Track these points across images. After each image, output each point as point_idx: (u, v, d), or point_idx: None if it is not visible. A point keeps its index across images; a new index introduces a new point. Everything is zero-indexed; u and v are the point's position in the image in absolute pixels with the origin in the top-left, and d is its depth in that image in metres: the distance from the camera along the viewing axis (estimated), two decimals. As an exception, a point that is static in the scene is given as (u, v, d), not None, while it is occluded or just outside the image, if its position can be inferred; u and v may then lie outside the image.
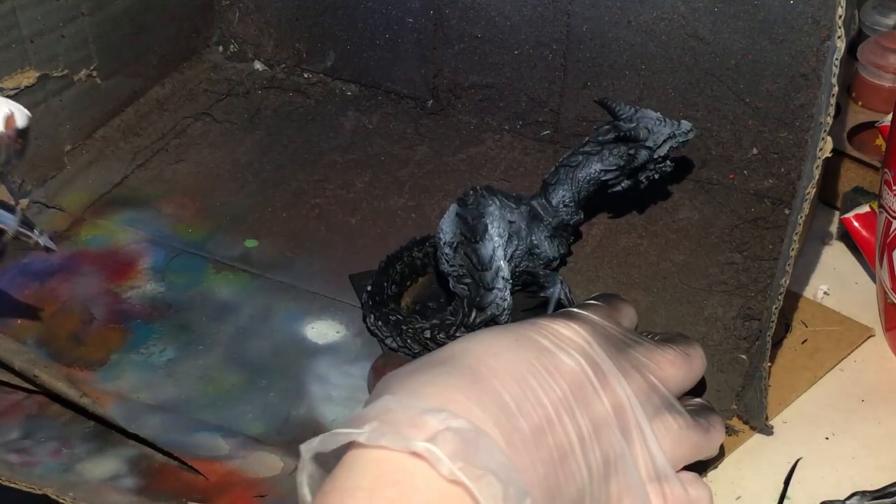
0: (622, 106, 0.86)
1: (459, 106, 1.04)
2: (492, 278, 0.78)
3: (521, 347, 0.61)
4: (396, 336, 0.78)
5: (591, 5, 0.93)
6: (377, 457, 0.53)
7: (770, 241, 0.88)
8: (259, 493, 0.69)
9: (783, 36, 0.87)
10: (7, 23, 0.87)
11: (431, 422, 0.53)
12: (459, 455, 0.52)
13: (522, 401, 0.57)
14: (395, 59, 1.05)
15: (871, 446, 0.74)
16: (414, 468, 0.52)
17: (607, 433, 0.60)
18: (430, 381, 0.57)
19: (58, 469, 0.71)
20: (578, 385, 0.60)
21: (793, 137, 0.90)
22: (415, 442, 0.52)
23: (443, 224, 0.81)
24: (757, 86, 0.90)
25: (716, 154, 0.93)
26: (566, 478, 0.57)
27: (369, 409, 0.55)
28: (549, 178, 0.85)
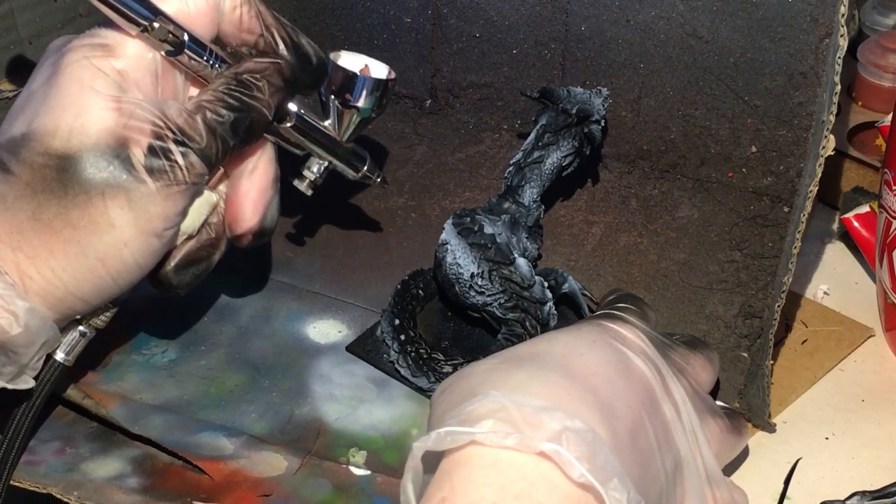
0: (556, 90, 0.87)
1: (458, 105, 1.04)
2: (540, 291, 0.78)
3: (600, 349, 0.60)
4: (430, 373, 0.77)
5: (590, 4, 0.93)
6: (496, 458, 0.51)
7: (770, 239, 0.88)
8: (264, 493, 0.69)
9: (782, 34, 0.87)
10: (6, 24, 0.87)
11: (548, 421, 0.51)
12: (584, 457, 0.50)
13: (615, 402, 0.57)
14: (393, 58, 1.05)
15: (871, 446, 0.75)
16: (536, 474, 0.51)
17: (674, 436, 0.60)
18: (533, 378, 0.56)
19: (62, 468, 0.71)
20: (650, 388, 0.60)
21: (792, 135, 0.90)
22: (542, 443, 0.51)
23: (457, 261, 0.78)
24: (756, 84, 0.90)
25: (715, 152, 0.93)
26: (652, 480, 0.57)
27: (477, 406, 0.53)
28: (511, 180, 0.84)
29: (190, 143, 0.65)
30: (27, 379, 0.65)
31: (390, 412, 0.76)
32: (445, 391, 0.58)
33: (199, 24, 0.67)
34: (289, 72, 0.70)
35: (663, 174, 0.96)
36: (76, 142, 0.62)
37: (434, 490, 0.52)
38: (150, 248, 0.65)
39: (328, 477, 0.71)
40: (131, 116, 0.63)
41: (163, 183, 0.64)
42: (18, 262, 0.62)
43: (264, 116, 0.69)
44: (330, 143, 0.77)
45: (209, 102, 0.66)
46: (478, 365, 0.59)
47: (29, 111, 0.64)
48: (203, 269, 0.73)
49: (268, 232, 0.74)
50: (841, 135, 0.95)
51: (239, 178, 0.72)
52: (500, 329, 0.78)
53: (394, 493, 0.69)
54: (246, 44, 0.70)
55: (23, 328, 0.62)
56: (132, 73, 0.65)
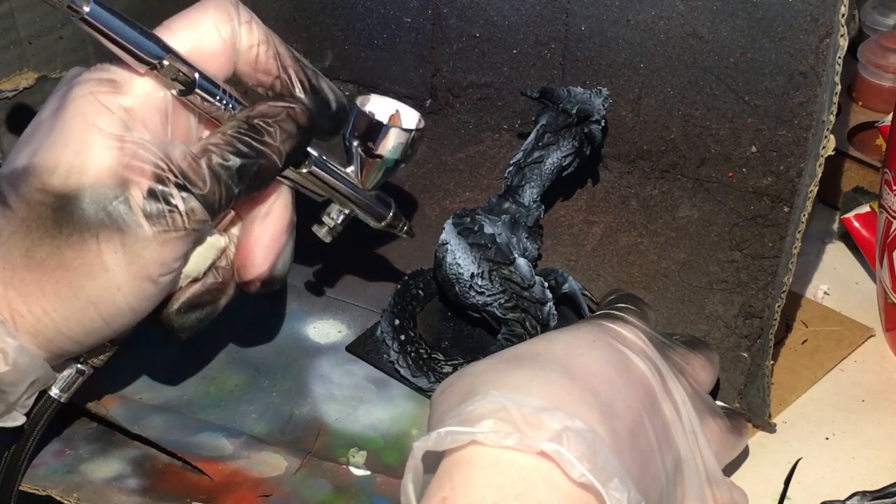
0: (556, 90, 0.87)
1: (458, 105, 1.04)
2: (540, 291, 0.78)
3: (600, 349, 0.60)
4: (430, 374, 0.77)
5: (590, 4, 0.93)
6: (497, 458, 0.51)
7: (770, 239, 0.88)
8: (264, 493, 0.69)
9: (782, 34, 0.87)
10: (5, 24, 0.86)
11: (548, 421, 0.51)
12: (585, 457, 0.50)
13: (615, 402, 0.56)
14: (393, 58, 1.05)
15: (871, 446, 0.75)
16: (536, 473, 0.51)
17: (674, 437, 0.60)
18: (533, 378, 0.56)
19: (62, 470, 0.71)
20: (650, 388, 0.60)
21: (792, 135, 0.90)
22: (542, 443, 0.50)
23: (457, 261, 0.78)
24: (756, 84, 0.90)
25: (715, 152, 0.93)
26: (652, 481, 0.57)
27: (477, 406, 0.53)
28: (511, 180, 0.84)
29: (192, 187, 0.62)
30: (16, 416, 0.64)
31: (390, 412, 0.76)
32: (445, 391, 0.58)
33: (214, 63, 0.65)
34: (305, 117, 0.68)
35: (663, 174, 0.96)
36: (74, 180, 0.60)
37: (434, 490, 0.52)
38: (145, 293, 0.63)
39: (328, 477, 0.71)
40: (133, 157, 0.61)
41: (160, 228, 0.61)
42: (10, 300, 0.61)
43: (274, 164, 0.66)
44: (352, 189, 0.74)
45: (216, 146, 0.64)
46: (478, 365, 0.59)
47: (34, 143, 0.62)
48: (207, 313, 0.70)
49: (278, 280, 0.72)
50: (841, 135, 0.95)
51: (252, 222, 0.70)
52: (500, 329, 0.78)
53: (394, 493, 0.69)
54: (262, 84, 0.68)
55: (11, 366, 0.61)
56: (139, 112, 0.63)
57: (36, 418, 0.66)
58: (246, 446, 0.73)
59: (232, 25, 0.66)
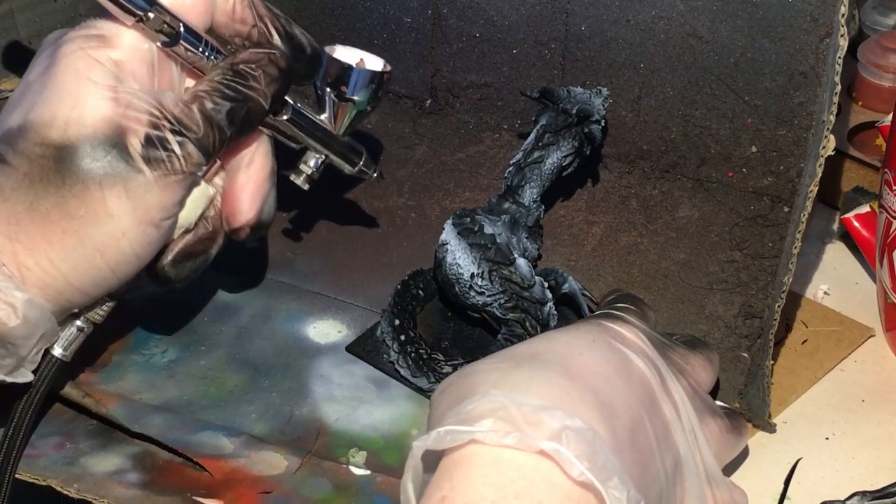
0: (556, 90, 0.88)
1: (458, 105, 1.04)
2: (540, 292, 0.78)
3: (600, 348, 0.60)
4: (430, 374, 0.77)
5: (590, 4, 0.93)
6: (496, 457, 0.51)
7: (770, 239, 0.88)
8: (264, 490, 0.70)
9: (782, 34, 0.87)
10: (6, 24, 0.87)
11: (548, 420, 0.51)
12: (584, 456, 0.50)
13: (614, 401, 0.56)
14: (393, 58, 1.04)
15: (871, 446, 0.75)
16: (536, 472, 0.51)
17: (674, 436, 0.60)
18: (533, 377, 0.56)
19: (62, 462, 0.71)
20: (649, 388, 0.60)
21: (792, 135, 0.90)
22: (542, 442, 0.50)
23: (457, 261, 0.78)
24: (756, 84, 0.90)
25: (715, 152, 0.93)
26: (652, 480, 0.57)
27: (477, 405, 0.53)
28: (511, 180, 0.84)
29: (187, 132, 0.65)
30: (25, 372, 0.65)
31: (390, 412, 0.76)
32: (445, 391, 0.58)
33: (194, 14, 0.68)
34: (284, 62, 0.70)
35: (663, 174, 0.96)
36: (73, 132, 0.62)
37: (434, 489, 0.52)
38: (148, 238, 0.65)
39: (328, 476, 0.71)
40: (128, 106, 0.63)
41: (160, 172, 0.64)
42: (16, 254, 0.62)
43: (261, 106, 0.69)
44: (326, 136, 0.77)
45: (206, 92, 0.67)
46: (477, 365, 0.59)
47: (26, 102, 0.64)
48: (200, 262, 0.73)
49: (265, 225, 0.74)
50: (841, 135, 0.95)
51: (236, 171, 0.72)
52: (500, 329, 0.78)
53: (394, 492, 0.69)
54: (239, 34, 0.70)
55: (21, 320, 0.62)
56: (128, 64, 0.65)
57: (41, 376, 0.67)
58: (246, 446, 0.73)
59: None
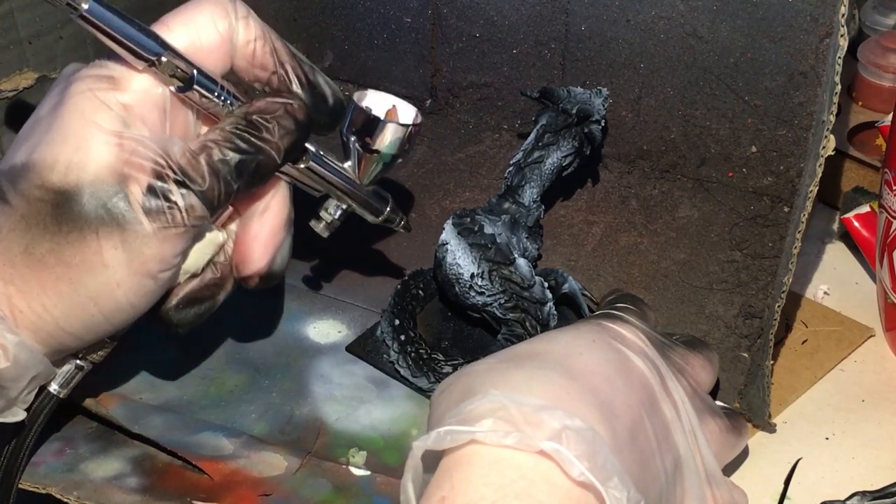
0: (556, 90, 0.87)
1: (458, 105, 1.04)
2: (540, 292, 0.78)
3: (600, 348, 0.60)
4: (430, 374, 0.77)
5: (590, 4, 0.93)
6: (497, 457, 0.51)
7: (770, 239, 0.88)
8: (264, 492, 0.69)
9: (782, 34, 0.87)
10: (5, 24, 0.86)
11: (548, 420, 0.51)
12: (584, 456, 0.50)
13: (615, 401, 0.56)
14: (393, 58, 1.05)
15: (871, 446, 0.75)
16: (536, 472, 0.51)
17: (674, 436, 0.60)
18: (533, 377, 0.55)
19: (61, 468, 0.71)
20: (649, 388, 0.60)
21: (792, 135, 0.90)
22: (542, 442, 0.50)
23: (457, 261, 0.78)
24: (756, 84, 0.90)
25: (715, 152, 0.93)
26: (652, 480, 0.57)
27: (477, 405, 0.53)
28: (511, 180, 0.84)
29: (191, 184, 0.62)
30: (17, 411, 0.64)
31: (390, 412, 0.76)
32: (445, 391, 0.58)
33: (211, 58, 0.65)
34: (302, 113, 0.68)
35: (663, 174, 0.96)
36: (73, 177, 0.60)
37: (434, 489, 0.51)
38: (145, 289, 0.63)
39: (328, 477, 0.71)
40: (132, 153, 0.61)
41: (160, 224, 0.61)
42: (10, 296, 0.61)
43: (272, 159, 0.66)
44: (349, 185, 0.74)
45: (215, 142, 0.64)
46: (477, 364, 0.59)
47: (32, 140, 0.62)
48: (206, 308, 0.70)
49: (276, 276, 0.72)
50: (841, 135, 0.95)
51: (250, 217, 0.70)
52: (500, 329, 0.78)
53: (394, 492, 0.69)
54: (259, 80, 0.68)
55: (11, 362, 0.61)
56: (138, 108, 0.63)
57: (35, 414, 0.66)
58: (246, 446, 0.73)
59: (229, 21, 0.66)
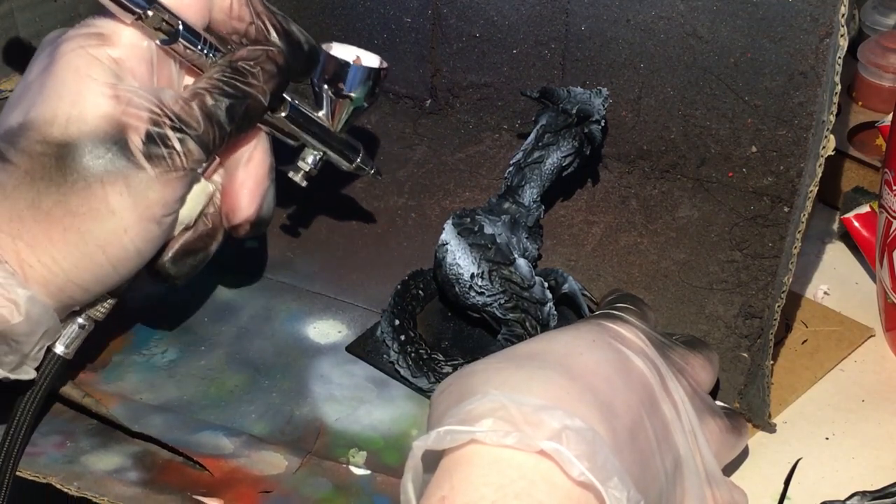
0: (556, 90, 0.88)
1: (458, 105, 1.04)
2: (540, 292, 0.78)
3: (600, 348, 0.60)
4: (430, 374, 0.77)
5: (590, 4, 0.93)
6: (497, 457, 0.51)
7: (770, 239, 0.88)
8: (264, 489, 0.70)
9: (782, 34, 0.87)
10: (6, 24, 0.87)
11: (548, 420, 0.51)
12: (584, 456, 0.50)
13: (615, 401, 0.56)
14: (393, 58, 1.05)
15: (871, 446, 0.75)
16: (536, 472, 0.51)
17: (674, 436, 0.60)
18: (532, 377, 0.56)
19: (62, 460, 0.71)
20: (649, 388, 0.60)
21: (792, 135, 0.90)
22: (542, 442, 0.50)
23: (457, 261, 0.78)
24: (756, 84, 0.90)
25: (715, 152, 0.93)
26: (652, 480, 0.57)
27: (477, 405, 0.53)
28: (511, 180, 0.84)
29: (187, 129, 0.65)
30: (28, 370, 0.65)
31: (390, 412, 0.76)
32: (445, 391, 0.58)
33: (192, 12, 0.68)
34: (282, 58, 0.71)
35: (663, 174, 0.96)
36: (74, 129, 0.62)
37: (434, 489, 0.52)
38: (150, 234, 0.66)
39: (328, 476, 0.71)
40: (128, 103, 0.63)
41: (161, 169, 0.64)
42: (18, 251, 0.63)
43: (260, 102, 0.69)
44: (324, 133, 0.78)
45: (205, 90, 0.67)
46: (477, 364, 0.59)
47: (26, 101, 0.64)
48: (200, 259, 0.73)
49: (265, 222, 0.75)
50: (841, 135, 0.95)
51: (235, 168, 0.73)
52: (500, 329, 0.78)
53: (394, 492, 0.69)
54: (237, 32, 0.70)
55: (24, 317, 0.62)
56: (128, 62, 0.65)
57: (43, 375, 0.68)
58: (246, 445, 0.73)
59: None
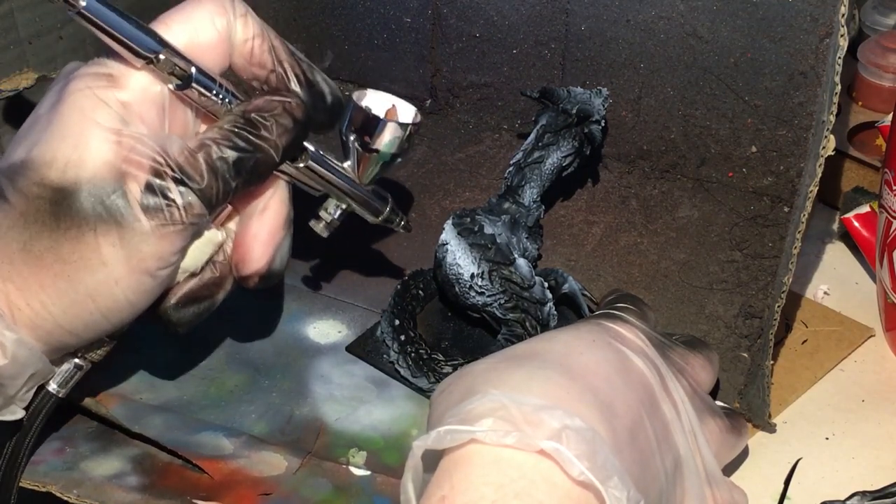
0: (556, 90, 0.88)
1: (458, 105, 1.04)
2: (540, 292, 0.78)
3: (600, 348, 0.60)
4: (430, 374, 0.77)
5: (590, 4, 0.93)
6: (497, 457, 0.51)
7: (770, 239, 0.88)
8: (264, 492, 0.70)
9: (782, 34, 0.87)
10: (5, 24, 0.86)
11: (548, 420, 0.51)
12: (584, 455, 0.50)
13: (615, 401, 0.56)
14: (393, 58, 1.05)
15: (871, 446, 0.75)
16: (536, 472, 0.51)
17: (674, 436, 0.60)
18: (532, 377, 0.55)
19: (61, 467, 0.71)
20: (649, 387, 0.60)
21: (792, 135, 0.90)
22: (542, 441, 0.50)
23: (457, 261, 0.78)
24: (756, 84, 0.90)
25: (715, 152, 0.93)
26: (652, 480, 0.57)
27: (477, 405, 0.53)
28: (511, 180, 0.84)
29: (190, 182, 0.62)
30: (15, 410, 0.64)
31: (390, 413, 0.76)
32: (445, 391, 0.58)
33: (210, 56, 0.65)
34: (301, 111, 0.68)
35: (663, 174, 0.96)
36: (72, 174, 0.60)
37: (434, 489, 0.52)
38: (143, 287, 0.63)
39: (328, 477, 0.71)
40: (131, 151, 0.61)
41: (158, 222, 0.61)
42: (8, 293, 0.61)
43: (271, 158, 0.66)
44: (348, 184, 0.74)
45: (213, 140, 0.64)
46: (477, 364, 0.59)
47: (32, 137, 0.62)
48: (205, 308, 0.70)
49: (276, 275, 0.71)
50: (841, 135, 0.95)
51: (249, 217, 0.70)
52: (500, 329, 0.78)
53: (394, 492, 0.69)
54: (257, 78, 0.68)
55: (10, 359, 0.61)
56: (137, 106, 0.63)
57: (34, 413, 0.66)
58: (246, 446, 0.73)
59: (227, 18, 0.66)
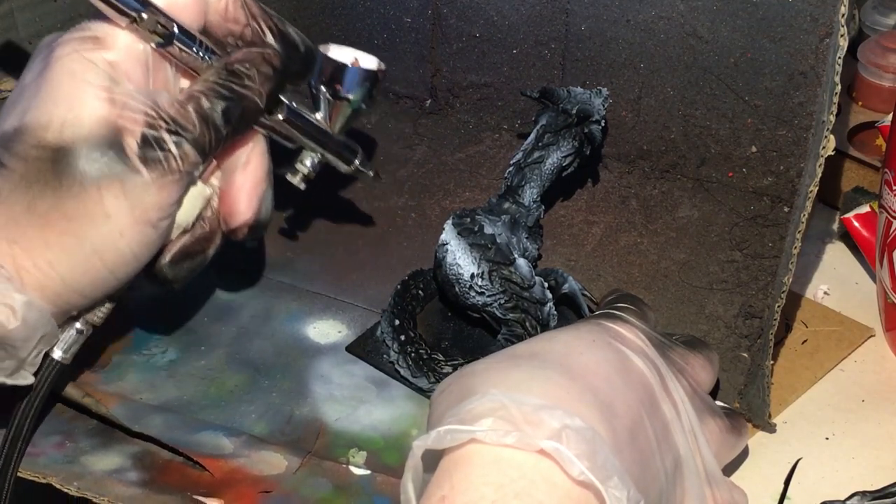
0: (556, 90, 0.88)
1: (458, 105, 1.04)
2: (540, 292, 0.78)
3: (600, 348, 0.60)
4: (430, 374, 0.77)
5: (590, 4, 0.93)
6: (497, 457, 0.51)
7: (770, 239, 0.88)
8: (264, 489, 0.70)
9: (782, 34, 0.87)
10: (5, 24, 0.87)
11: (548, 420, 0.51)
12: (584, 455, 0.50)
13: (615, 401, 0.56)
14: (393, 58, 1.05)
15: (871, 446, 0.75)
16: (536, 472, 0.51)
17: (674, 436, 0.60)
18: (532, 377, 0.56)
19: (62, 460, 0.71)
20: (649, 387, 0.60)
21: (792, 135, 0.90)
22: (542, 441, 0.50)
23: (457, 261, 0.78)
24: (756, 84, 0.90)
25: (715, 152, 0.93)
26: (652, 480, 0.57)
27: (477, 404, 0.53)
28: (511, 180, 0.84)
29: (183, 132, 0.65)
30: (26, 374, 0.65)
31: (390, 412, 0.76)
32: (445, 391, 0.58)
33: (187, 14, 0.68)
34: (278, 60, 0.70)
35: (663, 174, 0.96)
36: (69, 133, 0.62)
37: (434, 489, 0.52)
38: (146, 238, 0.65)
39: (328, 476, 0.71)
40: (124, 107, 0.63)
41: (157, 172, 0.63)
42: (15, 256, 0.62)
43: (256, 105, 0.69)
44: (322, 135, 0.77)
45: (201, 92, 0.67)
46: (477, 364, 0.59)
47: (21, 106, 0.64)
48: (198, 262, 0.73)
49: (263, 225, 0.74)
50: (841, 135, 0.95)
51: (232, 171, 0.72)
52: (500, 329, 0.78)
53: (394, 492, 0.69)
54: (232, 34, 0.70)
55: (20, 322, 0.62)
56: (123, 65, 0.65)
57: (42, 380, 0.67)
58: (246, 445, 0.73)
59: None
